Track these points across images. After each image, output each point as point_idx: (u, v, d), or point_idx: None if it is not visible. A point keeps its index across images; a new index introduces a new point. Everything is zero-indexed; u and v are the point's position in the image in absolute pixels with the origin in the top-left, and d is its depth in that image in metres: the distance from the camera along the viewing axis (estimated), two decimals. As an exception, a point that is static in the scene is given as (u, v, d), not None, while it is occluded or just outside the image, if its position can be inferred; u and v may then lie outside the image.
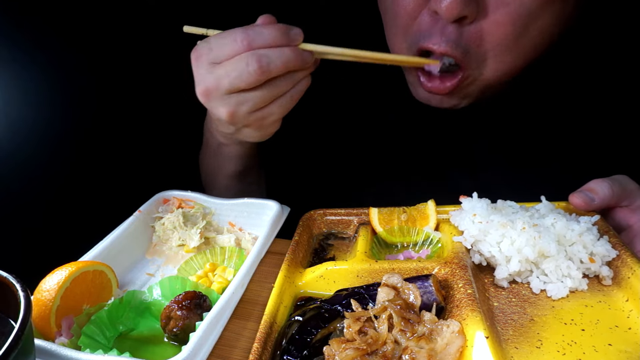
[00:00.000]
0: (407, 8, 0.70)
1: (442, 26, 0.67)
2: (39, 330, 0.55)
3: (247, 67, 0.61)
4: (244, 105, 0.65)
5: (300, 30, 0.64)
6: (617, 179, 0.64)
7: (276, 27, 0.63)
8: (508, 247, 0.58)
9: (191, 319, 0.56)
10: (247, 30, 0.62)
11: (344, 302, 0.55)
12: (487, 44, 0.67)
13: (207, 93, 0.65)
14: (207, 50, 0.64)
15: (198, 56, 0.65)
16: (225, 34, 0.63)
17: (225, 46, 0.62)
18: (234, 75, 0.62)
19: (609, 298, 0.55)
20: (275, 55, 0.62)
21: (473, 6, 0.64)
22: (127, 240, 0.72)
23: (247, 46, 0.61)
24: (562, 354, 0.48)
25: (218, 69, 0.63)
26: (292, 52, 0.63)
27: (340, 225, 0.75)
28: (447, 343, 0.46)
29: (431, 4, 0.66)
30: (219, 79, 0.63)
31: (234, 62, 0.62)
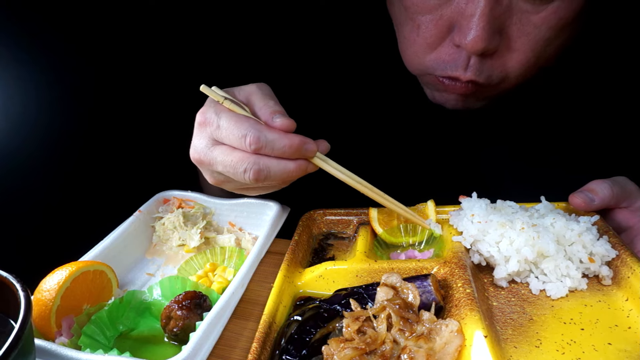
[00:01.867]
0: (427, 40, 0.69)
1: (466, 57, 0.67)
2: (39, 330, 0.55)
3: (244, 174, 0.58)
4: (230, 184, 0.65)
5: (314, 146, 0.61)
6: (617, 180, 0.64)
7: (290, 141, 0.59)
8: (507, 247, 0.58)
9: (191, 319, 0.56)
10: (259, 135, 0.57)
11: (343, 302, 0.55)
12: (509, 68, 0.68)
13: (199, 162, 0.63)
14: (215, 126, 0.60)
15: (203, 123, 0.62)
16: (237, 123, 0.59)
17: (232, 136, 0.59)
18: (229, 169, 0.60)
19: (608, 297, 0.55)
20: (277, 169, 0.59)
21: (497, 40, 0.64)
22: (127, 240, 0.72)
23: (253, 151, 0.58)
24: (561, 353, 0.48)
25: (216, 150, 0.60)
26: (295, 168, 0.60)
27: (340, 225, 0.75)
28: (445, 342, 0.47)
29: (454, 38, 0.66)
30: (214, 160, 0.61)
31: (234, 159, 0.59)
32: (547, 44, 0.66)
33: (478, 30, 0.62)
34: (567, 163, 0.82)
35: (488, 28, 0.62)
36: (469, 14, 0.62)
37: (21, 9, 0.87)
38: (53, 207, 0.94)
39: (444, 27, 0.67)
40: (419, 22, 0.69)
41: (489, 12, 0.61)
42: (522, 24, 0.64)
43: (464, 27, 0.63)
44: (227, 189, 0.67)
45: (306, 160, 0.61)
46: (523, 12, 0.64)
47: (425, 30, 0.69)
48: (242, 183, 0.63)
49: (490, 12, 0.62)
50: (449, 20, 0.66)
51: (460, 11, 0.64)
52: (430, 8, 0.67)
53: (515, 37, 0.65)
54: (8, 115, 0.85)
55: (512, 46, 0.66)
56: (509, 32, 0.65)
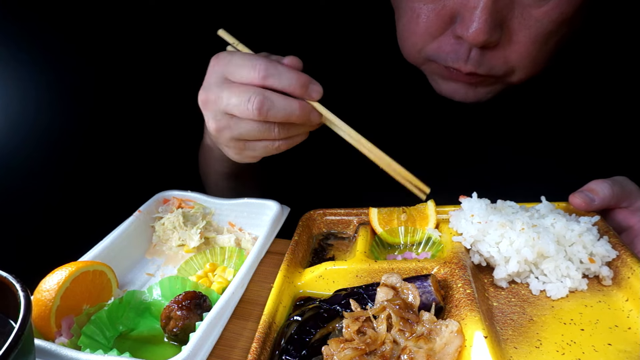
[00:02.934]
0: (428, 29, 0.69)
1: (467, 49, 0.67)
2: (39, 330, 0.55)
3: (247, 103, 0.59)
4: (230, 130, 0.64)
5: (321, 88, 0.62)
6: (617, 180, 0.64)
7: (298, 75, 0.61)
8: (507, 247, 0.58)
9: (191, 319, 0.56)
10: (269, 65, 0.60)
11: (343, 302, 0.55)
12: (511, 61, 0.68)
13: (205, 102, 0.64)
14: (226, 62, 0.63)
15: (216, 63, 0.64)
16: (249, 56, 0.62)
17: (242, 68, 0.61)
18: (234, 101, 0.60)
19: (608, 298, 0.55)
20: (281, 104, 0.60)
21: (498, 33, 0.65)
22: (127, 240, 0.72)
23: (260, 80, 0.60)
24: (561, 353, 0.48)
25: (224, 86, 0.62)
26: (298, 107, 0.61)
27: (339, 225, 0.75)
28: (445, 343, 0.46)
29: (456, 29, 0.66)
30: (219, 96, 0.62)
31: (240, 90, 0.60)
32: (549, 37, 0.66)
33: (480, 23, 0.62)
34: (567, 163, 0.82)
35: (490, 21, 0.62)
36: (472, 6, 0.63)
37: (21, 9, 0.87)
38: (53, 207, 0.94)
39: (446, 17, 0.67)
40: (420, 11, 0.69)
41: (491, 5, 0.62)
42: (524, 17, 0.65)
43: (466, 19, 0.64)
44: (224, 139, 0.66)
45: (308, 103, 0.62)
46: (525, 6, 0.64)
47: (426, 20, 0.69)
48: (243, 128, 0.63)
49: (493, 5, 0.62)
50: (452, 11, 0.66)
51: (463, 3, 0.64)
52: None
53: (516, 30, 0.65)
54: (7, 115, 0.85)
55: (513, 39, 0.66)
56: (510, 25, 0.65)
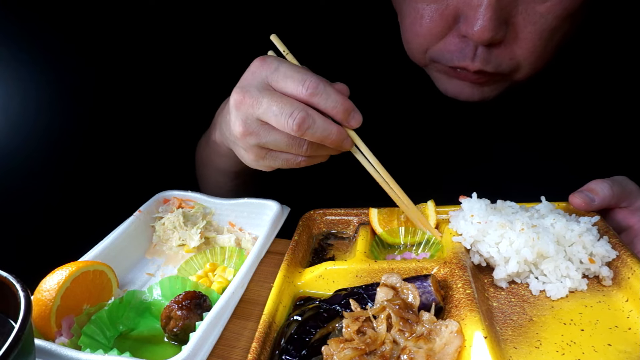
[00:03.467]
0: (432, 30, 0.69)
1: (473, 48, 0.67)
2: (39, 330, 0.55)
3: (289, 116, 0.58)
4: (258, 137, 0.62)
5: (361, 118, 0.62)
6: (617, 180, 0.64)
7: (343, 100, 0.60)
8: (507, 247, 0.58)
9: (191, 319, 0.56)
10: (319, 83, 0.59)
11: (342, 302, 0.55)
12: (518, 57, 0.68)
13: (239, 102, 0.62)
14: (273, 68, 0.61)
15: (261, 66, 0.62)
16: (298, 69, 0.61)
17: (290, 79, 0.59)
18: (273, 110, 0.59)
19: (608, 298, 0.55)
20: (322, 125, 0.59)
21: (503, 30, 0.65)
22: (127, 240, 0.72)
23: (306, 96, 0.59)
24: (561, 354, 0.48)
25: (266, 93, 0.60)
26: (337, 133, 0.60)
27: (340, 225, 0.75)
28: (445, 343, 0.47)
29: (460, 28, 0.66)
30: (259, 101, 0.60)
31: (283, 102, 0.59)
32: (554, 32, 0.66)
33: (485, 20, 0.62)
34: (567, 163, 0.82)
35: (495, 18, 0.62)
36: (476, 4, 0.63)
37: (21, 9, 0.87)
38: (53, 207, 0.94)
39: (450, 17, 0.67)
40: (423, 12, 0.69)
41: (495, 2, 0.62)
42: (528, 13, 0.65)
43: (471, 17, 0.64)
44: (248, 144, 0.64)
45: (346, 131, 0.62)
46: (528, 3, 0.64)
47: (429, 21, 0.69)
48: (272, 138, 0.61)
49: (497, 2, 0.62)
50: (455, 10, 0.66)
51: (467, 1, 0.64)
52: None
53: (521, 26, 0.66)
54: (8, 115, 0.85)
55: (518, 36, 0.66)
56: (515, 21, 0.65)
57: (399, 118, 0.90)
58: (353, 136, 0.63)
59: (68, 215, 0.95)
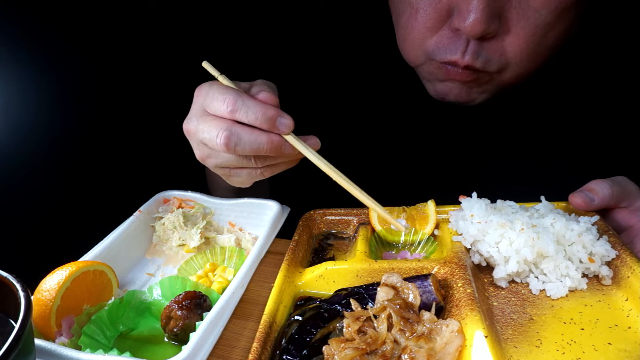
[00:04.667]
0: (426, 24, 0.69)
1: (465, 41, 0.67)
2: (39, 330, 0.55)
3: (216, 138, 0.60)
4: (212, 159, 0.65)
5: (291, 121, 0.62)
6: (617, 180, 0.64)
7: (265, 109, 0.60)
8: (506, 247, 0.58)
9: (191, 319, 0.56)
10: (237, 98, 0.60)
11: (343, 302, 0.55)
12: (508, 53, 0.68)
13: (187, 132, 0.65)
14: (204, 94, 0.63)
15: (198, 94, 0.65)
16: (223, 89, 0.62)
17: (215, 101, 0.61)
18: (206, 135, 0.62)
19: (608, 297, 0.55)
20: (247, 138, 0.60)
21: (496, 23, 0.65)
22: (128, 240, 0.72)
23: (228, 114, 0.60)
24: (561, 353, 0.48)
25: (201, 119, 0.63)
26: (266, 141, 0.61)
27: (340, 225, 0.75)
28: (446, 342, 0.47)
29: (453, 21, 0.66)
30: (197, 128, 0.63)
31: (211, 124, 0.61)
32: (548, 29, 0.66)
33: (477, 13, 0.62)
34: (567, 163, 0.82)
35: (487, 11, 0.62)
36: None
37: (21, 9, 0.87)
38: (53, 207, 0.94)
39: (443, 10, 0.67)
40: (418, 7, 0.69)
41: None
42: (522, 8, 0.64)
43: (463, 10, 0.64)
44: (210, 166, 0.67)
45: (279, 136, 0.62)
46: None
47: (424, 15, 0.69)
48: (223, 158, 0.64)
49: None
50: (448, 3, 0.66)
51: None
52: None
53: (514, 21, 0.65)
54: (8, 115, 0.85)
55: (511, 30, 0.66)
56: (508, 16, 0.65)
57: (400, 119, 0.90)
58: (291, 140, 0.62)
59: (68, 215, 0.94)
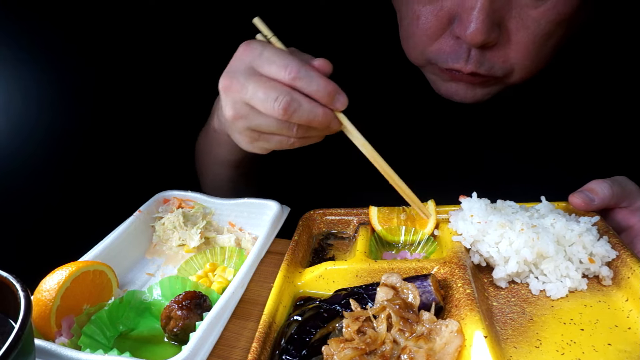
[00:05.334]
0: (427, 31, 0.70)
1: (466, 49, 0.68)
2: (39, 330, 0.55)
3: (274, 101, 0.58)
4: (248, 120, 0.63)
5: (346, 99, 0.62)
6: (617, 180, 0.64)
7: (326, 83, 0.60)
8: (506, 247, 0.58)
9: (191, 319, 0.56)
10: (300, 67, 0.59)
11: (343, 302, 0.55)
12: (511, 59, 0.69)
13: (227, 88, 0.62)
14: (257, 53, 0.61)
15: (246, 50, 0.62)
16: (282, 53, 0.60)
17: (273, 64, 0.59)
18: (260, 96, 0.59)
19: (608, 298, 0.55)
20: (307, 108, 0.59)
21: (496, 32, 0.65)
22: (127, 240, 0.72)
23: (289, 81, 0.59)
24: (561, 353, 0.48)
25: (251, 78, 0.60)
26: (323, 114, 0.60)
27: (340, 225, 0.75)
28: (445, 342, 0.47)
29: (454, 29, 0.67)
30: (245, 86, 0.60)
31: (268, 86, 0.59)
32: (548, 37, 0.67)
33: (478, 23, 0.62)
34: (567, 163, 0.82)
35: (488, 21, 0.63)
36: (469, 6, 0.63)
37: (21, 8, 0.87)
38: (53, 207, 0.94)
39: (444, 18, 0.68)
40: (420, 14, 0.69)
41: (488, 5, 0.62)
42: (522, 17, 0.65)
43: (464, 19, 0.64)
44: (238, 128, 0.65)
45: (332, 111, 0.62)
46: (522, 6, 0.64)
47: (425, 22, 0.69)
48: (263, 121, 0.62)
49: (490, 5, 0.62)
50: (450, 12, 0.67)
51: (461, 4, 0.65)
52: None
53: (514, 30, 0.66)
54: (9, 115, 0.85)
55: (512, 39, 0.67)
56: (508, 25, 0.66)
57: (400, 117, 0.90)
58: (340, 117, 0.63)
59: (68, 215, 0.94)
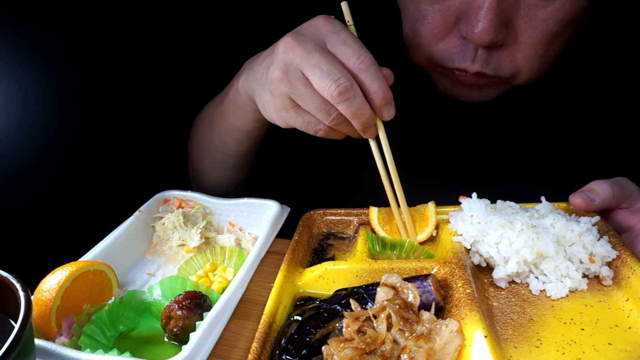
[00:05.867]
0: (433, 31, 0.70)
1: (473, 49, 0.68)
2: (39, 330, 0.55)
3: (334, 81, 0.57)
4: (292, 88, 0.60)
5: (394, 113, 0.62)
6: (618, 181, 0.64)
7: (386, 88, 0.59)
8: (506, 248, 0.58)
9: (191, 319, 0.56)
10: (372, 63, 0.58)
11: (343, 302, 0.55)
12: (518, 60, 0.68)
13: (290, 47, 0.59)
14: (335, 30, 0.60)
15: (325, 24, 0.61)
16: (358, 42, 0.59)
17: (346, 47, 0.58)
18: (321, 68, 0.57)
19: (608, 298, 0.55)
20: (360, 101, 0.58)
21: (503, 33, 0.65)
22: (128, 240, 0.72)
23: (356, 71, 0.58)
24: (561, 353, 0.48)
25: (321, 50, 0.58)
26: (370, 116, 0.60)
27: (340, 225, 0.75)
28: (445, 342, 0.47)
29: (461, 30, 0.66)
30: (311, 54, 0.58)
31: (333, 65, 0.57)
32: (555, 37, 0.66)
33: (485, 22, 0.62)
34: (567, 163, 0.82)
35: (495, 21, 0.62)
36: (477, 6, 0.63)
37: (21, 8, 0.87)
38: (53, 207, 0.94)
39: (451, 18, 0.67)
40: (426, 13, 0.69)
41: (496, 5, 0.62)
42: (529, 17, 0.65)
43: (472, 19, 0.64)
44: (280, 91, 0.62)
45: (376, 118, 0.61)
46: (530, 6, 0.64)
47: (431, 21, 0.69)
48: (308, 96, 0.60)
49: (498, 5, 0.62)
50: (457, 11, 0.66)
51: (468, 3, 0.64)
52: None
53: (522, 30, 0.66)
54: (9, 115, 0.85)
55: (519, 39, 0.66)
56: (516, 25, 0.65)
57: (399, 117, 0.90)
58: (379, 127, 0.63)
59: (68, 215, 0.94)
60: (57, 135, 0.93)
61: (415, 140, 0.89)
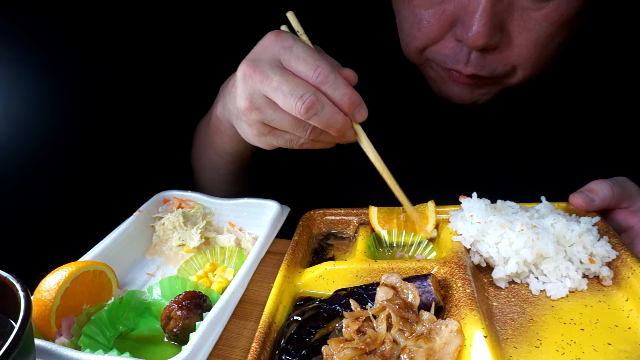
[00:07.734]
0: (429, 34, 0.70)
1: (467, 52, 0.68)
2: (39, 330, 0.55)
3: (298, 98, 0.56)
4: (262, 114, 0.61)
5: (366, 113, 0.61)
6: (618, 181, 0.64)
7: (352, 93, 0.59)
8: (506, 248, 0.58)
9: (191, 319, 0.56)
10: (331, 71, 0.57)
11: (342, 302, 0.55)
12: (512, 62, 0.69)
13: (248, 75, 0.59)
14: (287, 46, 0.59)
15: (275, 41, 0.60)
16: (313, 53, 0.59)
17: (301, 62, 0.58)
18: (283, 90, 0.57)
19: (608, 298, 0.55)
20: (329, 112, 0.58)
21: (498, 36, 0.65)
22: (127, 240, 0.72)
23: (317, 83, 0.57)
24: (561, 353, 0.48)
25: (277, 70, 0.58)
26: (343, 122, 0.59)
27: (340, 225, 0.75)
28: (445, 342, 0.47)
29: (456, 32, 0.67)
30: (269, 77, 0.58)
31: (294, 83, 0.57)
32: (550, 39, 0.67)
33: (480, 26, 0.63)
34: (567, 163, 0.82)
35: (490, 24, 0.63)
36: (472, 10, 0.63)
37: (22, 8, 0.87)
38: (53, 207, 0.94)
39: (446, 22, 0.68)
40: (422, 17, 0.69)
41: (490, 8, 0.62)
42: (524, 20, 0.65)
43: (467, 22, 0.64)
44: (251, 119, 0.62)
45: (350, 121, 0.61)
46: (524, 9, 0.64)
47: (427, 25, 0.69)
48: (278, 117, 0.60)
49: (492, 8, 0.62)
50: (452, 15, 0.67)
51: (463, 7, 0.65)
52: (433, 3, 0.68)
53: (516, 33, 0.66)
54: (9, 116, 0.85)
55: (514, 42, 0.67)
56: (510, 28, 0.66)
57: (399, 118, 0.90)
58: (357, 129, 0.63)
59: (68, 215, 0.94)
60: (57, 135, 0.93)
61: (415, 141, 0.89)
